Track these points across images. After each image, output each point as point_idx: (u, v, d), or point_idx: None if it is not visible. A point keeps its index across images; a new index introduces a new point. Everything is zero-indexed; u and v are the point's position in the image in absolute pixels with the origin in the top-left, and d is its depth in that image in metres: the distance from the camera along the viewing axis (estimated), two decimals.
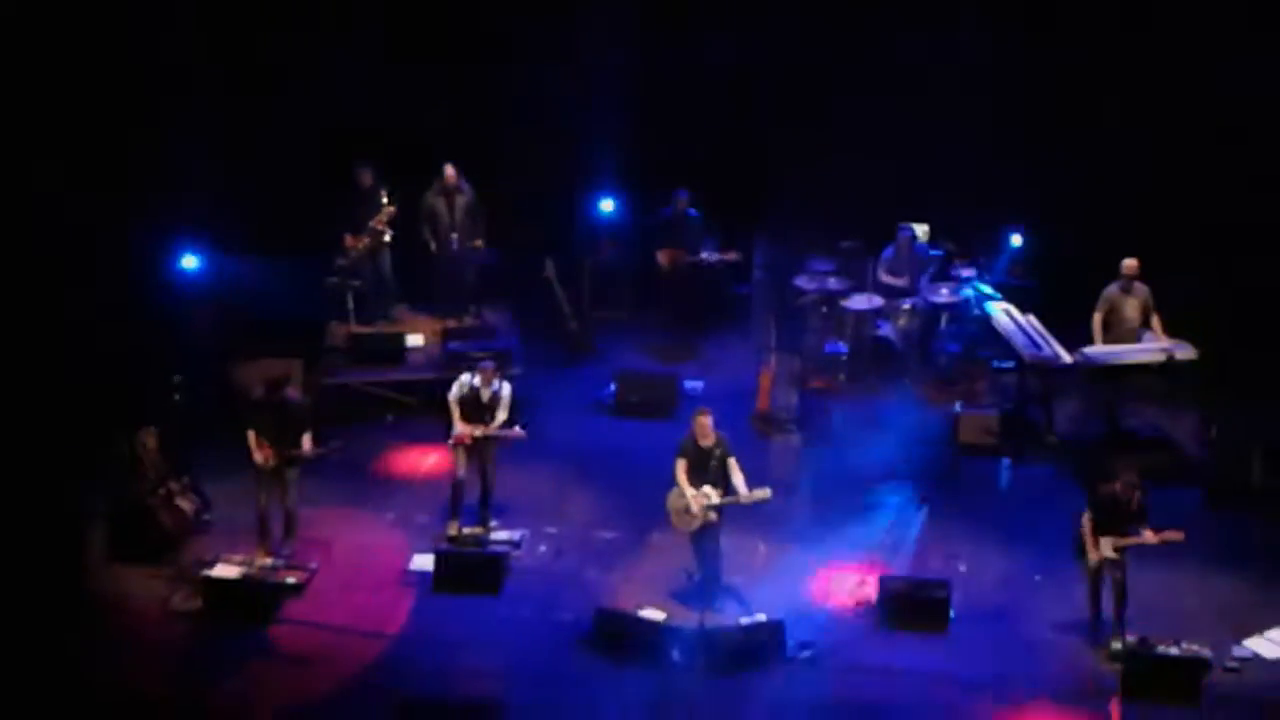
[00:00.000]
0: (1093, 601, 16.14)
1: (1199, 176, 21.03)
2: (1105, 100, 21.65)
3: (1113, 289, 19.56)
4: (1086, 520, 16.01)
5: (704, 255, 21.95)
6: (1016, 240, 21.97)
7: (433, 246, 21.54)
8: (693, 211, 22.04)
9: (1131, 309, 19.54)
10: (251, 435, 17.10)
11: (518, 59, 22.28)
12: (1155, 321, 19.48)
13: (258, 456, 17.06)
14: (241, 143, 21.22)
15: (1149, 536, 15.75)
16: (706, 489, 16.25)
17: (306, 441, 17.15)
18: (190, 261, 19.95)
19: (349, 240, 21.32)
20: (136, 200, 19.02)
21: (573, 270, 22.39)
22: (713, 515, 16.27)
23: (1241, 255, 20.77)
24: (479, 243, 21.61)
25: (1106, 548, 15.82)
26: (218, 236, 20.72)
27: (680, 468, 16.39)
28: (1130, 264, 19.52)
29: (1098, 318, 19.52)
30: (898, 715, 15.10)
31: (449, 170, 21.37)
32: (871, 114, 21.78)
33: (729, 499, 16.28)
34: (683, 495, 16.34)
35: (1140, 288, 19.56)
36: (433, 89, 22.21)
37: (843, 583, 16.96)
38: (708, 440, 16.33)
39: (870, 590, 16.68)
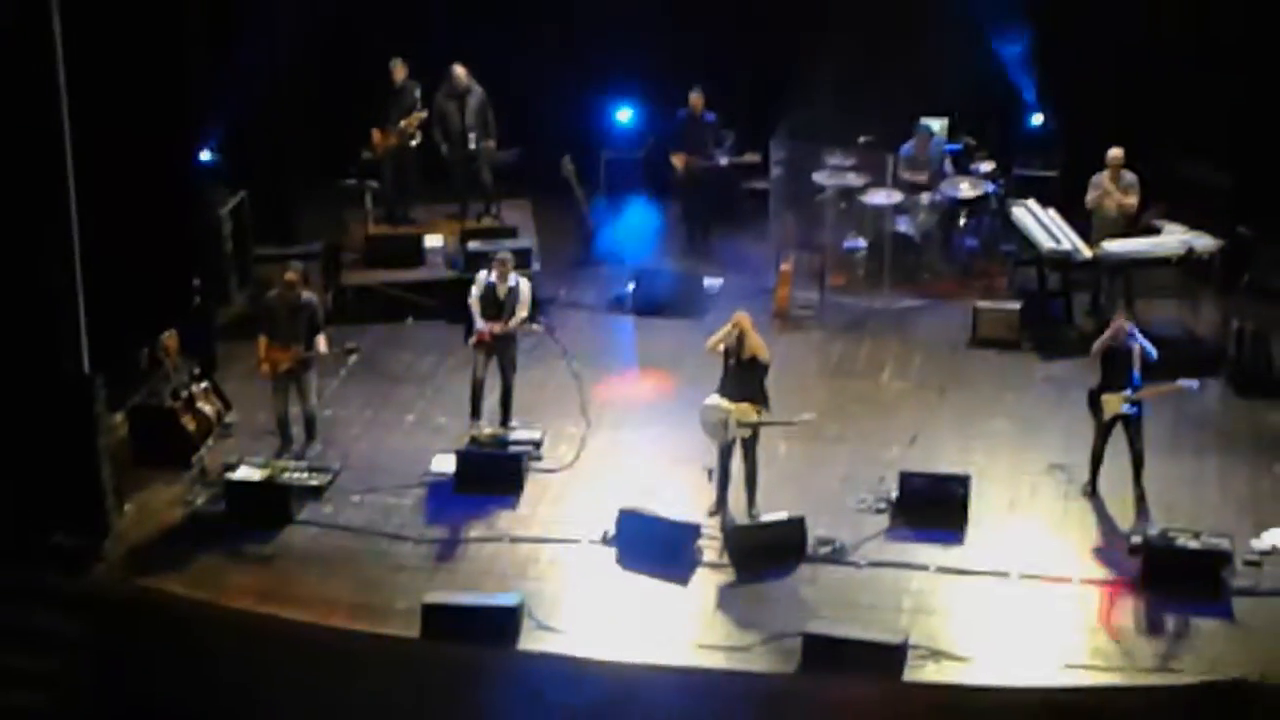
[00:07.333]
0: (1095, 459, 16.31)
1: (1226, 61, 20.82)
2: None
3: (1100, 178, 19.68)
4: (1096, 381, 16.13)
5: (720, 159, 21.78)
6: (1038, 119, 21.91)
7: (444, 149, 21.36)
8: (710, 116, 21.76)
9: (1115, 199, 19.63)
10: (261, 341, 17.14)
11: None
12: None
13: (263, 367, 17.14)
14: (262, 35, 20.89)
15: (1164, 386, 15.88)
16: (745, 405, 15.94)
17: (321, 341, 17.18)
18: (207, 155, 19.86)
19: (377, 136, 21.22)
20: (154, 98, 18.84)
21: (591, 168, 22.30)
22: (747, 433, 16.05)
23: (1268, 143, 20.65)
24: (490, 143, 21.40)
25: (1115, 404, 15.85)
26: (238, 135, 20.65)
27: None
28: (1115, 153, 19.58)
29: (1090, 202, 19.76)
30: (917, 609, 15.12)
31: (458, 70, 21.13)
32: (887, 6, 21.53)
33: (769, 420, 16.10)
34: (719, 409, 16.04)
35: (1128, 175, 19.61)
36: None
37: None
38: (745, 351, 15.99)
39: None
